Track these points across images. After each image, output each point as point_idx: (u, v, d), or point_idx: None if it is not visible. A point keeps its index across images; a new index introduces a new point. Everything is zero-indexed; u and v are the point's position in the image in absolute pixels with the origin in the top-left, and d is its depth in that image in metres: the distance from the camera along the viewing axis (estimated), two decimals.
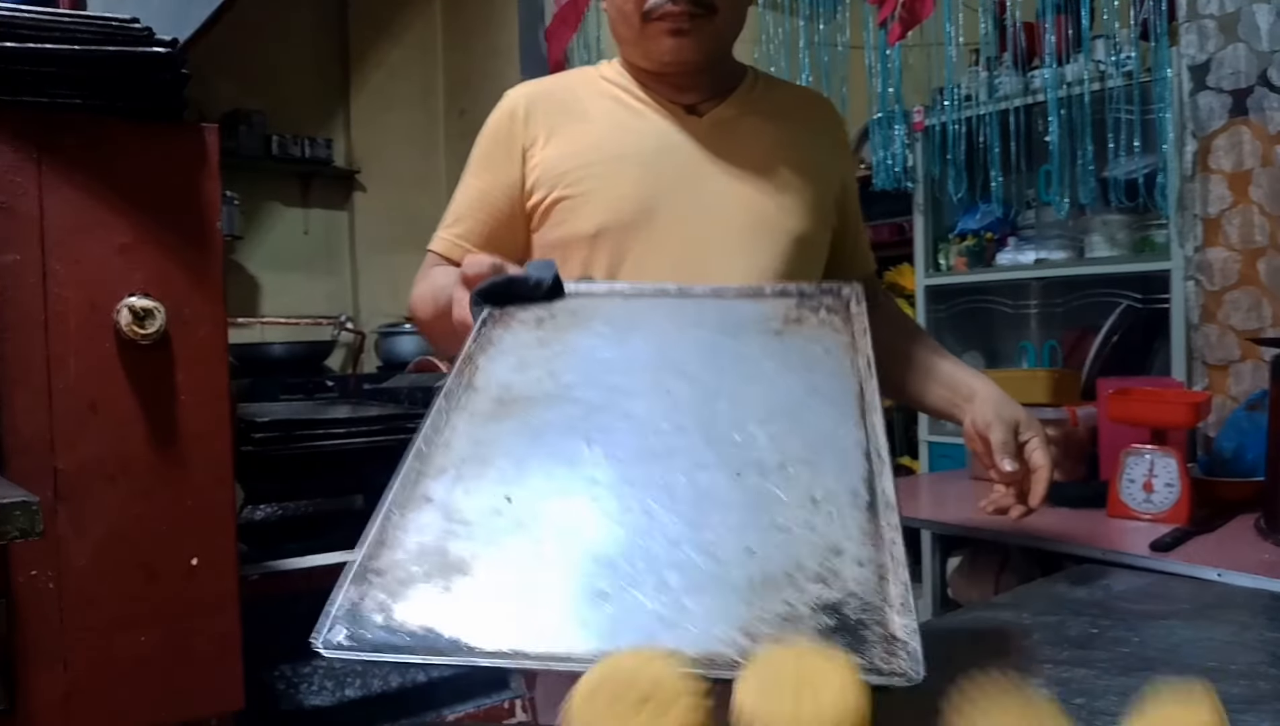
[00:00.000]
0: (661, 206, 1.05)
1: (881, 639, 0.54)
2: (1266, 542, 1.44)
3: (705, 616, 0.55)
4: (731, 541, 0.61)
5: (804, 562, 0.59)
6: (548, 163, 1.09)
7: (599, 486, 0.66)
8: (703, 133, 1.09)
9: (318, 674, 1.85)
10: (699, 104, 1.10)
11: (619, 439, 0.70)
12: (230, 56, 3.80)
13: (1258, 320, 2.12)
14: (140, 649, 1.30)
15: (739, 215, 1.06)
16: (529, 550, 0.62)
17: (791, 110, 1.16)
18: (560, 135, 1.10)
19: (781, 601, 0.56)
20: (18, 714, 1.23)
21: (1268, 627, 0.97)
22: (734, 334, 0.83)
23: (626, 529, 0.62)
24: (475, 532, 0.63)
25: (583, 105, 1.12)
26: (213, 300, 1.34)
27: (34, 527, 0.90)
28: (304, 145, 4.19)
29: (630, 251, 1.04)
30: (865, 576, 0.58)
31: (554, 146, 1.10)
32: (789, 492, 0.64)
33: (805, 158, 1.11)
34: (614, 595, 0.57)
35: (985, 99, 2.64)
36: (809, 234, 1.09)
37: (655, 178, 1.06)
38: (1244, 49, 2.10)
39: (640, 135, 1.09)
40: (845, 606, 0.56)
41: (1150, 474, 1.62)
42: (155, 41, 1.29)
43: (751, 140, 1.09)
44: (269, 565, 1.69)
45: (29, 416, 1.23)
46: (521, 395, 0.76)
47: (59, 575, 1.25)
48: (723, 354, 0.80)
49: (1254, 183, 2.11)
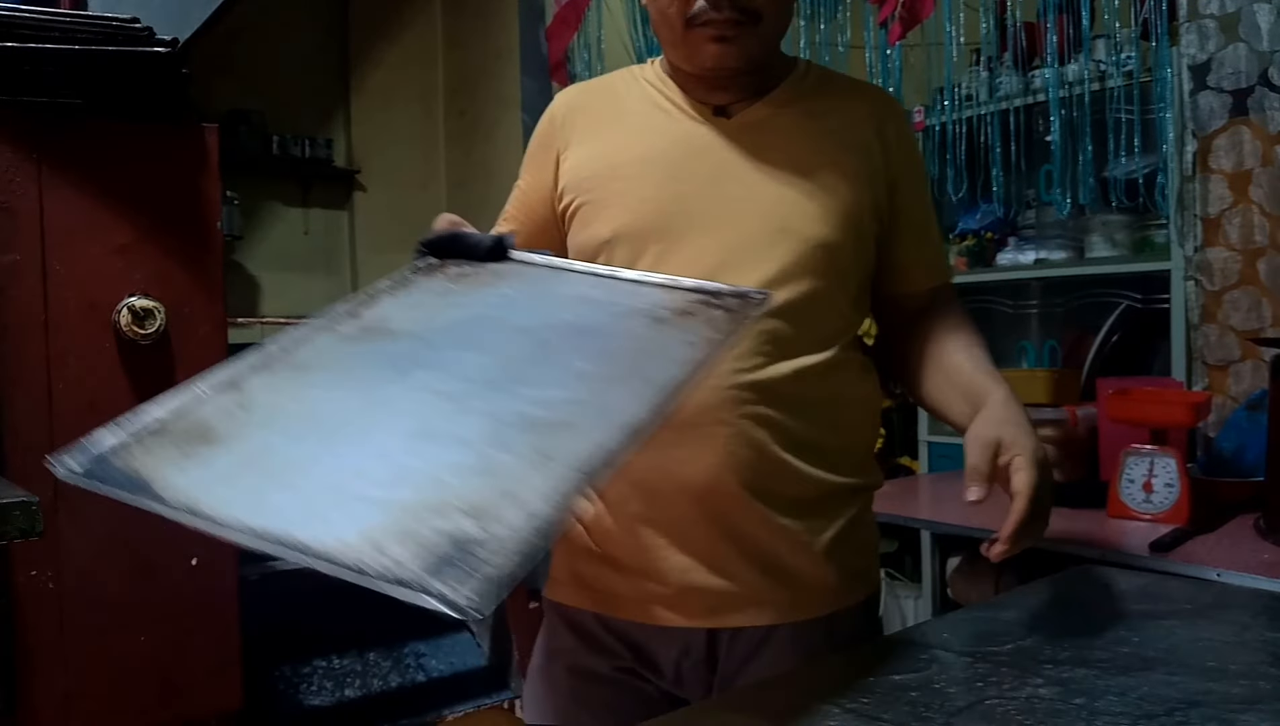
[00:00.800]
0: (678, 212, 1.03)
1: (469, 573, 0.54)
2: (1266, 542, 1.44)
3: (347, 519, 0.58)
4: (429, 469, 0.64)
5: (474, 500, 0.60)
6: (575, 167, 1.10)
7: (364, 405, 0.72)
8: (730, 135, 1.05)
9: (318, 674, 1.85)
10: (731, 105, 1.07)
11: (418, 375, 0.75)
12: (230, 56, 3.80)
13: (1258, 320, 2.12)
14: (140, 649, 1.30)
15: (754, 221, 1.02)
16: (269, 440, 0.68)
17: (837, 107, 1.09)
18: (590, 140, 1.10)
19: (422, 523, 0.58)
20: (18, 714, 1.23)
21: (1268, 627, 0.97)
22: (614, 314, 0.85)
23: (353, 441, 0.68)
24: (239, 417, 0.70)
25: (616, 108, 1.11)
26: (213, 300, 1.35)
27: (34, 527, 0.90)
28: (304, 145, 4.19)
29: (644, 257, 1.03)
30: (517, 527, 0.58)
31: (583, 150, 1.10)
32: (521, 445, 0.66)
33: (841, 158, 1.05)
34: (302, 488, 0.63)
35: (986, 99, 2.64)
36: (832, 240, 1.03)
37: (675, 182, 1.04)
38: (1244, 49, 2.10)
39: (666, 139, 1.07)
40: (471, 543, 0.56)
41: (1150, 474, 1.62)
42: (155, 41, 1.29)
43: (781, 141, 1.05)
44: (269, 565, 1.69)
45: (29, 416, 1.23)
46: (388, 328, 0.81)
47: (59, 575, 1.25)
48: (585, 329, 0.83)
49: (1254, 183, 2.11)
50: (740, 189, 1.03)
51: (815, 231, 1.02)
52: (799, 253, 1.02)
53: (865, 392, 1.11)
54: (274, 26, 4.13)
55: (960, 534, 1.87)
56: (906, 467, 2.97)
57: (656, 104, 1.10)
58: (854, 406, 1.09)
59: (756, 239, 1.02)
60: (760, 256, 1.01)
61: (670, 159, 1.05)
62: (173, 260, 1.31)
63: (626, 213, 1.04)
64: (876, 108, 1.11)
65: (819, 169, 1.04)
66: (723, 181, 1.04)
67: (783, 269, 1.01)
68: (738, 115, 1.06)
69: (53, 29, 1.23)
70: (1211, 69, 2.15)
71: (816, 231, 1.02)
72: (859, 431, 1.11)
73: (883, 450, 2.92)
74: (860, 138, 1.07)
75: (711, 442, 0.98)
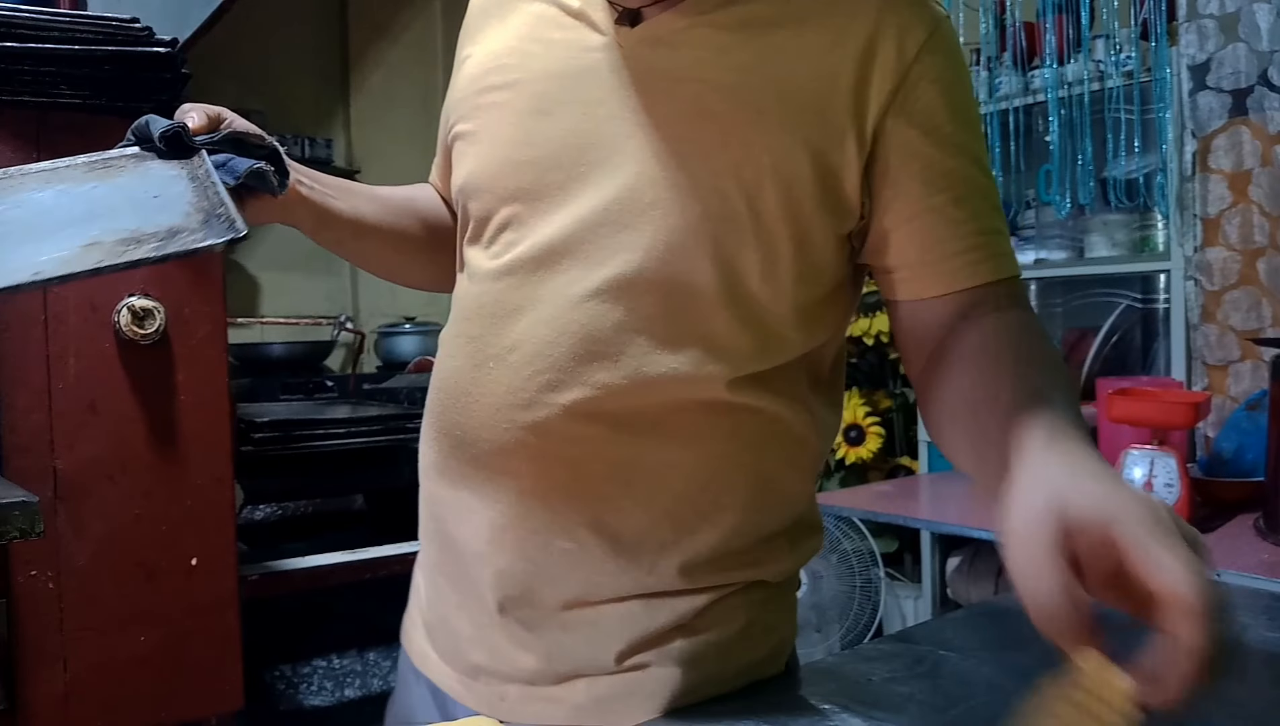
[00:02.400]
0: (528, 163, 0.74)
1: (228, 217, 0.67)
2: (1266, 542, 1.44)
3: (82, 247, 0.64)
4: None
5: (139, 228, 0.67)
6: (455, 85, 0.84)
7: None
8: (624, 55, 0.73)
9: (317, 674, 1.85)
10: (647, 8, 0.72)
11: None
12: (230, 56, 3.80)
13: (1257, 320, 2.12)
14: (140, 649, 1.30)
15: (615, 185, 0.71)
16: None
17: (803, 15, 0.71)
18: (478, 50, 0.83)
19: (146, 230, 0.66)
20: (18, 713, 1.23)
21: (1268, 627, 0.97)
22: None
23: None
24: None
25: (513, 4, 0.81)
26: (213, 300, 1.35)
27: (34, 527, 0.90)
28: (304, 145, 4.19)
29: (493, 220, 0.77)
30: None
31: (470, 62, 0.83)
32: None
33: (763, 96, 0.70)
34: None
35: (985, 99, 2.64)
36: (712, 226, 0.70)
37: (539, 118, 0.74)
38: (1244, 49, 2.10)
39: (547, 54, 0.76)
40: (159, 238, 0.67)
41: (1150, 474, 1.62)
42: (155, 41, 1.29)
43: (685, 67, 0.71)
44: (269, 565, 1.69)
45: (29, 416, 1.23)
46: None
47: (59, 575, 1.25)
48: None
49: (1254, 182, 2.11)
50: (608, 138, 0.72)
51: (691, 208, 0.69)
52: (660, 241, 0.70)
53: (771, 464, 0.76)
54: (274, 26, 4.13)
55: (960, 534, 1.86)
56: (906, 468, 2.97)
57: (560, 2, 0.78)
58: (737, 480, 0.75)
59: (611, 214, 0.71)
60: (606, 242, 0.71)
61: (542, 82, 0.75)
62: (173, 260, 1.31)
63: (478, 157, 0.78)
64: (878, 17, 0.70)
65: (724, 112, 0.70)
66: (592, 125, 0.73)
67: (633, 267, 0.70)
68: (643, 26, 0.73)
69: (53, 29, 1.23)
70: (1211, 69, 2.15)
71: (693, 208, 0.69)
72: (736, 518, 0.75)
73: (883, 450, 2.92)
74: (820, 66, 0.70)
75: (489, 489, 0.75)
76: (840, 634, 2.75)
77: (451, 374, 0.79)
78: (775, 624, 0.81)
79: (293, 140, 4.17)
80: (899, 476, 2.92)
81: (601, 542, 0.73)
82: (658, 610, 0.75)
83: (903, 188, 0.71)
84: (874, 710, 0.74)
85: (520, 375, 0.72)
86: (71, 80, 1.24)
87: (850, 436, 2.92)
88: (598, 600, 0.75)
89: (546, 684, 0.76)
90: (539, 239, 0.73)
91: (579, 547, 0.73)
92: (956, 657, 0.87)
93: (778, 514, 0.79)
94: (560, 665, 0.75)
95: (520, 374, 0.72)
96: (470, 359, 0.76)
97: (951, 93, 0.72)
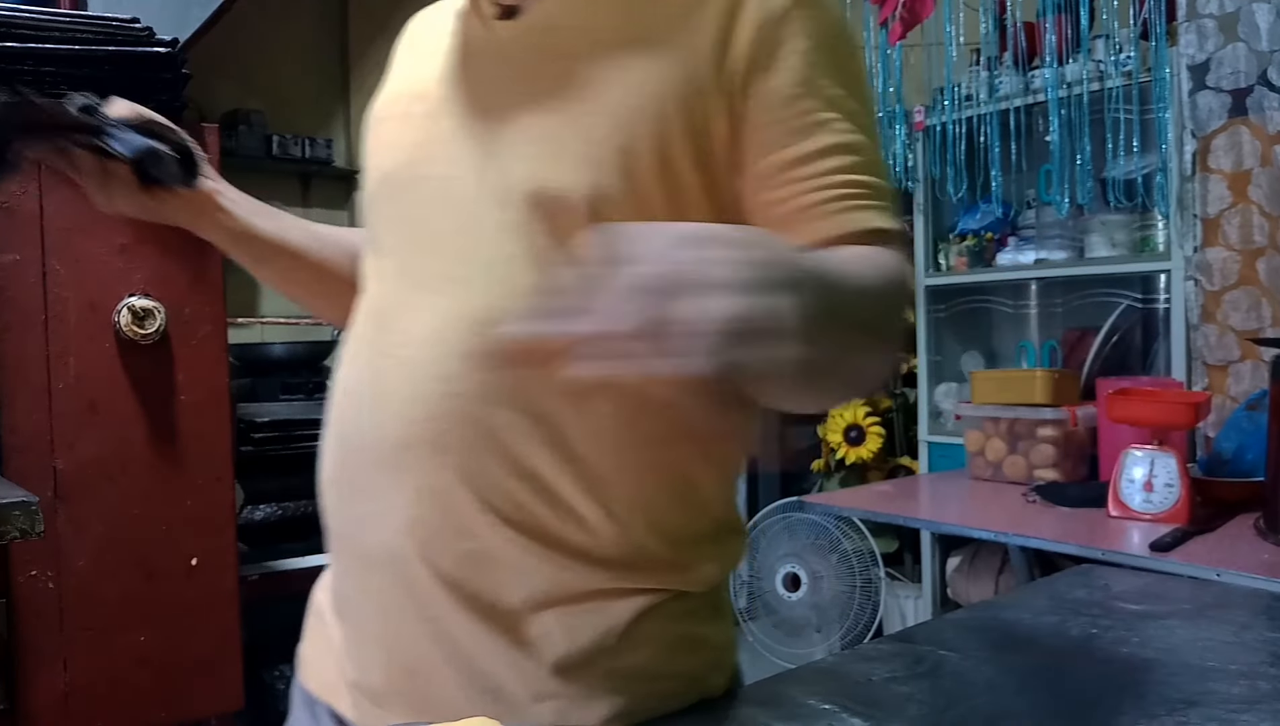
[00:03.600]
0: (407, 165, 0.75)
1: None
2: (1266, 542, 1.44)
3: None
4: None
5: None
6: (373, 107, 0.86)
7: None
8: (504, 47, 0.73)
9: None
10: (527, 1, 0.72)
11: None
12: (230, 56, 3.80)
13: (1257, 320, 2.12)
14: (140, 649, 1.30)
15: (490, 177, 0.70)
16: None
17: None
18: (396, 66, 0.86)
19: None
20: (18, 713, 1.23)
21: (1268, 627, 0.97)
22: None
23: None
24: None
25: (436, 18, 0.82)
26: (213, 300, 1.35)
27: (34, 527, 0.90)
28: (304, 145, 4.19)
29: (379, 221, 0.78)
30: None
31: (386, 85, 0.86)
32: None
33: (629, 64, 0.68)
34: None
35: (985, 99, 2.64)
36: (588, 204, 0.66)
37: (426, 122, 0.75)
38: (1244, 48, 2.10)
39: (436, 61, 0.77)
40: None
41: (1150, 474, 1.62)
42: (155, 41, 1.29)
43: (563, 50, 0.70)
44: (269, 565, 1.69)
45: (29, 416, 1.23)
46: None
47: (59, 575, 1.25)
48: None
49: (1253, 182, 2.11)
50: (484, 130, 0.71)
51: (566, 190, 0.67)
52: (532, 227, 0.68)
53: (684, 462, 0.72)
54: (274, 26, 4.13)
55: (960, 534, 1.86)
56: (906, 468, 2.97)
57: (459, 9, 0.78)
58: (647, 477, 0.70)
59: (480, 209, 0.70)
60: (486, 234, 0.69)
61: (427, 89, 0.76)
62: (172, 260, 1.31)
63: (371, 171, 0.80)
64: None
65: (594, 88, 0.68)
66: (474, 119, 0.72)
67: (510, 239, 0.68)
68: (522, 15, 0.72)
69: (53, 29, 1.23)
70: (1210, 69, 2.15)
71: (568, 190, 0.67)
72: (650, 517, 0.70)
73: (883, 450, 2.92)
74: (688, 23, 0.67)
75: (393, 490, 0.69)
76: (840, 634, 2.75)
77: (349, 377, 0.76)
78: (706, 636, 0.76)
79: (293, 140, 4.17)
80: (899, 476, 2.92)
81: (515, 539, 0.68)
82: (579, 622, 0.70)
83: (770, 143, 0.68)
84: (874, 710, 0.74)
85: (416, 371, 0.69)
86: (72, 80, 1.24)
87: (850, 436, 2.92)
88: (516, 604, 0.69)
89: None
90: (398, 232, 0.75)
91: (485, 547, 0.68)
92: (956, 657, 0.87)
93: (695, 515, 0.74)
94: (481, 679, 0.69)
95: (416, 370, 0.69)
96: (366, 360, 0.74)
97: (820, 49, 0.69)
